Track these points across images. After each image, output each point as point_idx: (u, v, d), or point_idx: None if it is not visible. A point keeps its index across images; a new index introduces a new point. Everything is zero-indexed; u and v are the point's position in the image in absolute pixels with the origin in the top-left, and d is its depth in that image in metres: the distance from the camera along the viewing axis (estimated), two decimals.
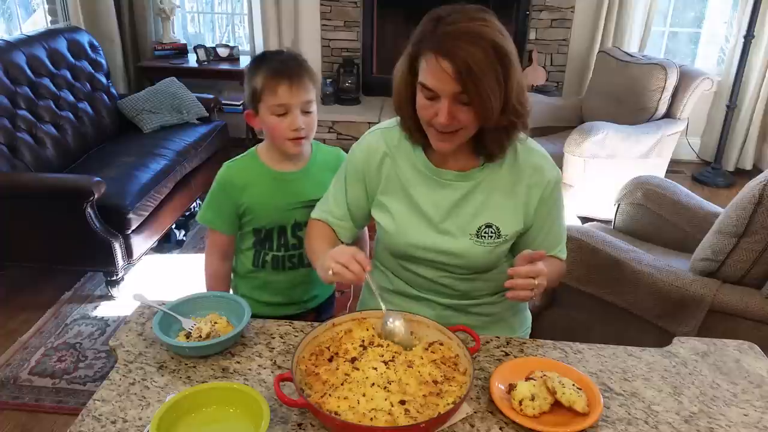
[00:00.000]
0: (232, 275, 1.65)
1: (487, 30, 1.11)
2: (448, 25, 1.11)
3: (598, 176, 3.31)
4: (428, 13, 1.15)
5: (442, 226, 1.30)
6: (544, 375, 1.11)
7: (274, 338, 1.27)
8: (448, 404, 1.03)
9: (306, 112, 1.45)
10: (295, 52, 1.51)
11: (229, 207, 1.53)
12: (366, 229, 1.56)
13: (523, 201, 1.29)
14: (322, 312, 1.70)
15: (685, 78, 3.46)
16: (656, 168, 3.41)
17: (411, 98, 1.21)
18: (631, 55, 3.68)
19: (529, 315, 1.54)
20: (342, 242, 1.41)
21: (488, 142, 1.24)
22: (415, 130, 1.27)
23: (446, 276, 1.36)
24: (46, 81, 3.16)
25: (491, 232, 1.29)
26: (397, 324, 1.18)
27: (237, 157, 1.57)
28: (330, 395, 1.04)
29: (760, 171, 3.30)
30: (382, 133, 1.37)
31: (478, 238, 1.29)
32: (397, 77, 1.24)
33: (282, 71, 1.42)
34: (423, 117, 1.20)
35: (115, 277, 2.75)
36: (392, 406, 1.02)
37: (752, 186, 1.77)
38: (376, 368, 1.10)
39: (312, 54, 4.46)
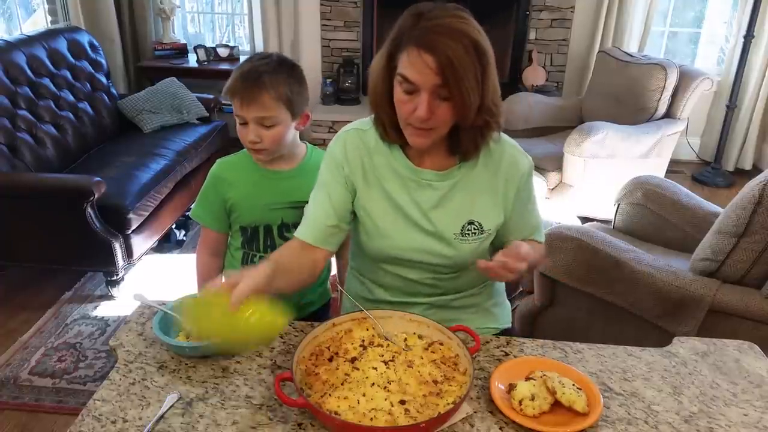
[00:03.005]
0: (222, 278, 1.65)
1: (467, 27, 1.12)
2: (429, 21, 1.12)
3: (598, 176, 3.31)
4: (408, 9, 1.16)
5: (426, 227, 1.30)
6: (544, 375, 1.11)
7: None
8: (448, 404, 1.03)
9: (266, 126, 1.43)
10: (274, 61, 1.45)
11: (218, 203, 1.54)
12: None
13: (502, 194, 1.32)
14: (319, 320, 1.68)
15: (685, 78, 3.45)
16: (656, 168, 3.41)
17: (388, 94, 1.21)
18: (631, 55, 3.68)
19: (508, 304, 1.57)
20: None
21: (463, 141, 1.24)
22: (390, 128, 1.25)
23: (431, 276, 1.36)
24: (46, 81, 3.15)
25: (474, 229, 1.30)
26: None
27: (231, 154, 1.58)
28: (330, 395, 1.04)
29: (760, 171, 3.29)
30: (357, 133, 1.33)
31: (462, 236, 1.30)
32: (374, 73, 1.23)
33: (236, 87, 1.42)
34: (401, 113, 1.19)
35: (115, 277, 2.75)
36: (392, 405, 1.02)
37: (752, 186, 1.77)
38: (376, 368, 1.10)
39: (312, 54, 4.46)
